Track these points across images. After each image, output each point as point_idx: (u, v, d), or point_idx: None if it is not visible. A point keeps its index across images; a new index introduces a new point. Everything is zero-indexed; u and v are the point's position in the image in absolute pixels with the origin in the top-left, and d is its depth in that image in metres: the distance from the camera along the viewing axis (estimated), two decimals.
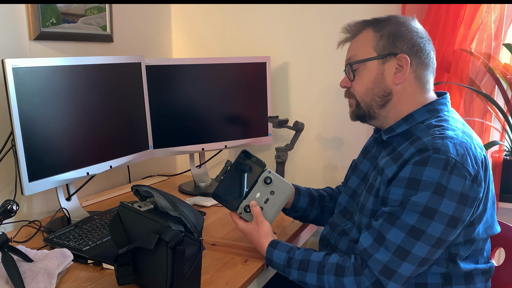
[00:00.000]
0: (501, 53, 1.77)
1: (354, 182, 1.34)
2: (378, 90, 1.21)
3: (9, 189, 1.53)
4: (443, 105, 1.21)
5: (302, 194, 1.45)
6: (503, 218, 1.42)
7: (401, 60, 1.18)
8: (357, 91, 1.24)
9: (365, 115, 1.26)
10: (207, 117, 1.94)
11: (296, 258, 1.19)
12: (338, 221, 1.33)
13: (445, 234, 1.06)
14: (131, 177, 2.06)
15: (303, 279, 1.17)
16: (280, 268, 1.22)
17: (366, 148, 1.39)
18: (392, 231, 1.08)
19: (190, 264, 1.04)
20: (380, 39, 1.19)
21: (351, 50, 1.26)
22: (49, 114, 1.40)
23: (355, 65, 1.22)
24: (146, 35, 2.12)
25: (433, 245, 1.06)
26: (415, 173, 1.07)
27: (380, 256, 1.08)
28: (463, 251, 1.14)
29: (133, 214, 1.13)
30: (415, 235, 1.06)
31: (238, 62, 1.97)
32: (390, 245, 1.07)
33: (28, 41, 1.57)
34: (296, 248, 1.23)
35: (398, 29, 1.19)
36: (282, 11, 2.06)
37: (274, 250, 1.23)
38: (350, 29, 1.26)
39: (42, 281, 1.09)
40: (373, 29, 1.21)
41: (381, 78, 1.20)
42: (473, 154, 1.09)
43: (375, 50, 1.20)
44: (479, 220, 1.13)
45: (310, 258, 1.18)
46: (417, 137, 1.13)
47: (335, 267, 1.14)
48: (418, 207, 1.05)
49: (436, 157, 1.05)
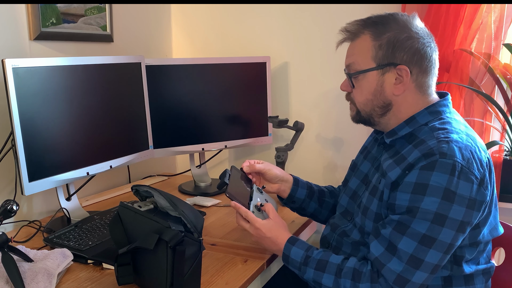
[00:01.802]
0: (501, 53, 1.77)
1: (355, 183, 1.34)
2: (378, 101, 1.19)
3: (9, 189, 1.53)
4: (445, 106, 1.20)
5: (301, 185, 1.45)
6: (503, 218, 1.42)
7: (401, 71, 1.15)
8: (357, 100, 1.22)
9: (366, 121, 1.25)
10: (207, 117, 1.94)
11: (314, 257, 1.18)
12: (338, 222, 1.33)
13: (456, 239, 1.06)
14: (131, 177, 2.06)
15: (319, 279, 1.16)
16: (296, 265, 1.21)
17: (365, 148, 1.38)
18: (404, 240, 1.07)
19: (190, 264, 1.04)
20: (379, 49, 1.15)
21: (349, 56, 1.22)
22: (49, 114, 1.40)
23: (348, 74, 1.21)
24: (146, 35, 2.12)
25: (445, 252, 1.06)
26: (422, 178, 1.06)
27: (393, 266, 1.07)
28: (468, 253, 1.14)
29: (133, 214, 1.13)
30: (427, 243, 1.05)
31: (238, 62, 1.97)
32: (402, 255, 1.07)
33: (28, 41, 1.57)
34: (314, 248, 1.22)
35: (398, 36, 1.14)
36: (282, 11, 2.06)
37: (292, 247, 1.22)
38: (348, 30, 1.23)
39: (42, 281, 1.09)
40: (372, 36, 1.17)
41: (380, 89, 1.18)
42: (478, 157, 1.08)
43: (374, 60, 1.16)
44: (484, 223, 1.13)
45: (329, 259, 1.17)
46: (421, 140, 1.12)
47: (353, 271, 1.13)
48: (429, 215, 1.04)
49: (443, 162, 1.05)
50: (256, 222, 1.25)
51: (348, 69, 1.23)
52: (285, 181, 1.44)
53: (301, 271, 1.20)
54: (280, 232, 1.25)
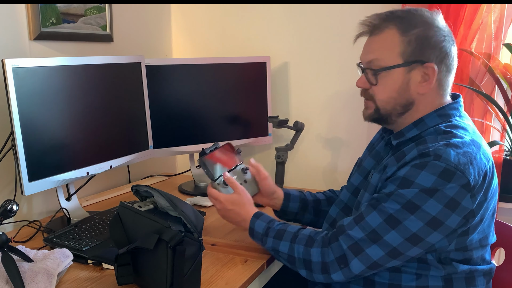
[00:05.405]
0: (501, 53, 1.77)
1: (357, 179, 1.34)
2: (401, 100, 1.16)
3: (9, 189, 1.53)
4: (455, 109, 1.18)
5: (292, 200, 1.45)
6: (503, 218, 1.42)
7: (428, 69, 1.12)
8: (378, 98, 1.18)
9: (382, 120, 1.22)
10: (207, 117, 1.94)
11: (274, 228, 1.23)
12: (338, 218, 1.33)
13: (423, 233, 1.05)
14: (131, 177, 2.06)
15: (277, 247, 1.20)
16: (259, 237, 1.25)
17: (372, 145, 1.37)
18: (372, 215, 1.09)
19: (190, 264, 1.04)
20: (407, 45, 1.12)
21: (371, 51, 1.17)
22: (49, 114, 1.39)
23: (371, 70, 1.16)
24: (146, 35, 2.12)
25: (407, 239, 1.05)
26: (410, 175, 1.07)
27: (353, 233, 1.09)
28: (455, 255, 1.13)
29: (133, 214, 1.13)
30: (391, 223, 1.06)
31: (238, 62, 1.97)
32: (366, 226, 1.09)
33: (28, 41, 1.57)
34: (276, 220, 1.26)
35: (427, 33, 1.12)
36: (282, 11, 2.06)
37: (256, 220, 1.26)
38: (370, 23, 1.17)
39: (42, 281, 1.09)
40: (399, 30, 1.12)
41: (406, 87, 1.15)
42: (477, 164, 1.07)
43: (402, 57, 1.12)
44: (473, 230, 1.12)
45: (287, 229, 1.21)
46: (423, 139, 1.13)
47: (307, 238, 1.16)
48: (402, 199, 1.06)
49: (435, 164, 1.04)
50: (218, 198, 1.30)
51: (369, 64, 1.17)
52: (276, 198, 1.45)
53: (262, 242, 1.24)
54: (245, 206, 1.29)
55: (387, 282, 1.16)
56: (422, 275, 1.13)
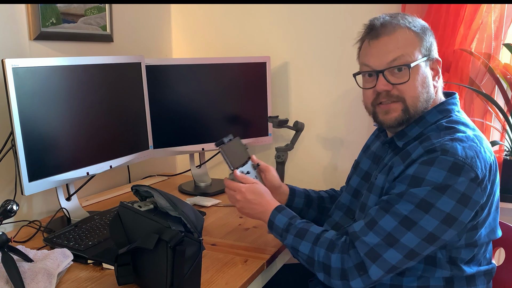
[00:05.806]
0: (501, 53, 1.77)
1: (355, 181, 1.34)
2: (427, 95, 1.16)
3: (9, 189, 1.53)
4: (454, 105, 1.19)
5: (297, 195, 1.45)
6: (503, 218, 1.42)
7: (436, 64, 1.15)
8: (410, 95, 1.15)
9: (405, 122, 1.17)
10: (207, 117, 1.94)
11: (296, 225, 1.20)
12: (342, 221, 1.33)
13: (439, 231, 1.04)
14: (131, 177, 2.06)
15: (297, 246, 1.18)
16: (278, 232, 1.23)
17: (367, 146, 1.37)
18: (385, 218, 1.07)
19: (190, 264, 1.04)
20: (422, 40, 1.15)
21: (393, 49, 1.14)
22: (49, 114, 1.40)
23: (405, 67, 1.13)
24: (146, 35, 2.12)
25: (423, 239, 1.05)
26: (419, 172, 1.06)
27: (368, 239, 1.08)
28: (465, 254, 1.13)
29: (133, 214, 1.13)
30: (407, 225, 1.05)
31: (238, 62, 1.97)
32: (380, 230, 1.07)
33: (28, 41, 1.57)
34: (298, 217, 1.24)
35: (426, 31, 1.16)
36: (282, 11, 2.06)
37: (278, 214, 1.24)
38: (381, 24, 1.16)
39: (42, 281, 1.09)
40: (409, 27, 1.14)
41: (428, 82, 1.16)
42: (482, 157, 1.07)
43: (421, 52, 1.15)
44: (482, 224, 1.13)
45: (309, 229, 1.19)
46: (427, 136, 1.13)
47: (329, 242, 1.14)
48: (415, 199, 1.05)
49: (443, 159, 1.05)
50: (240, 188, 1.29)
51: (393, 63, 1.14)
52: (282, 192, 1.44)
53: (282, 237, 1.22)
54: (266, 196, 1.28)
55: (388, 283, 1.16)
56: (424, 276, 1.13)
